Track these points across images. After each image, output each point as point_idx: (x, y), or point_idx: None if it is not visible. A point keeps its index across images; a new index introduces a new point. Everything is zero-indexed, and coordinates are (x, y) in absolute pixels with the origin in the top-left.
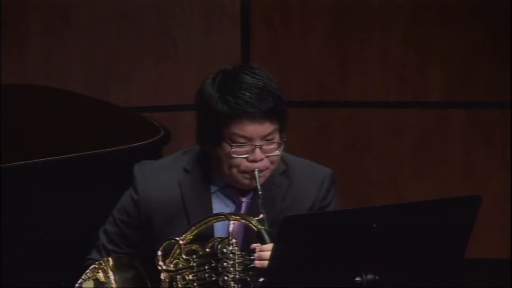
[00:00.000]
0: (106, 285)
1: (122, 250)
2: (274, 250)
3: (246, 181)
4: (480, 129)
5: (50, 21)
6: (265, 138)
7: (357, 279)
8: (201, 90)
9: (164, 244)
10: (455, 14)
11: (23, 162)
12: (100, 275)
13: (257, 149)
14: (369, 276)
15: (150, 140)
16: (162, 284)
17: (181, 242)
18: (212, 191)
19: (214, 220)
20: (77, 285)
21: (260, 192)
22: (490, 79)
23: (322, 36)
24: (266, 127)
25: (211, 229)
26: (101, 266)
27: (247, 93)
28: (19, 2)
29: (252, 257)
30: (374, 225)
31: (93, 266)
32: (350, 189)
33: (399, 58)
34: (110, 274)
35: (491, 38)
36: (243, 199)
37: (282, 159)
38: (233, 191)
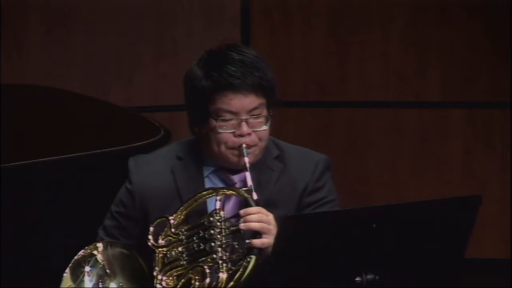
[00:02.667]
0: (95, 261)
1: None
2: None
3: (235, 158)
4: (480, 129)
5: (50, 21)
6: (251, 112)
7: (357, 279)
8: (187, 72)
9: (157, 221)
10: (455, 14)
11: (23, 162)
12: (91, 254)
13: (243, 123)
14: (369, 276)
15: (150, 140)
16: (154, 260)
17: (172, 221)
18: (205, 175)
19: (204, 196)
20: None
21: (247, 165)
22: (490, 79)
23: (322, 36)
24: (252, 101)
25: (204, 210)
26: (92, 247)
27: (232, 68)
28: (19, 2)
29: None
30: (374, 225)
31: (84, 250)
32: (350, 189)
33: (399, 58)
34: (101, 252)
35: (491, 38)
36: (236, 181)
37: (277, 145)
38: (226, 173)
